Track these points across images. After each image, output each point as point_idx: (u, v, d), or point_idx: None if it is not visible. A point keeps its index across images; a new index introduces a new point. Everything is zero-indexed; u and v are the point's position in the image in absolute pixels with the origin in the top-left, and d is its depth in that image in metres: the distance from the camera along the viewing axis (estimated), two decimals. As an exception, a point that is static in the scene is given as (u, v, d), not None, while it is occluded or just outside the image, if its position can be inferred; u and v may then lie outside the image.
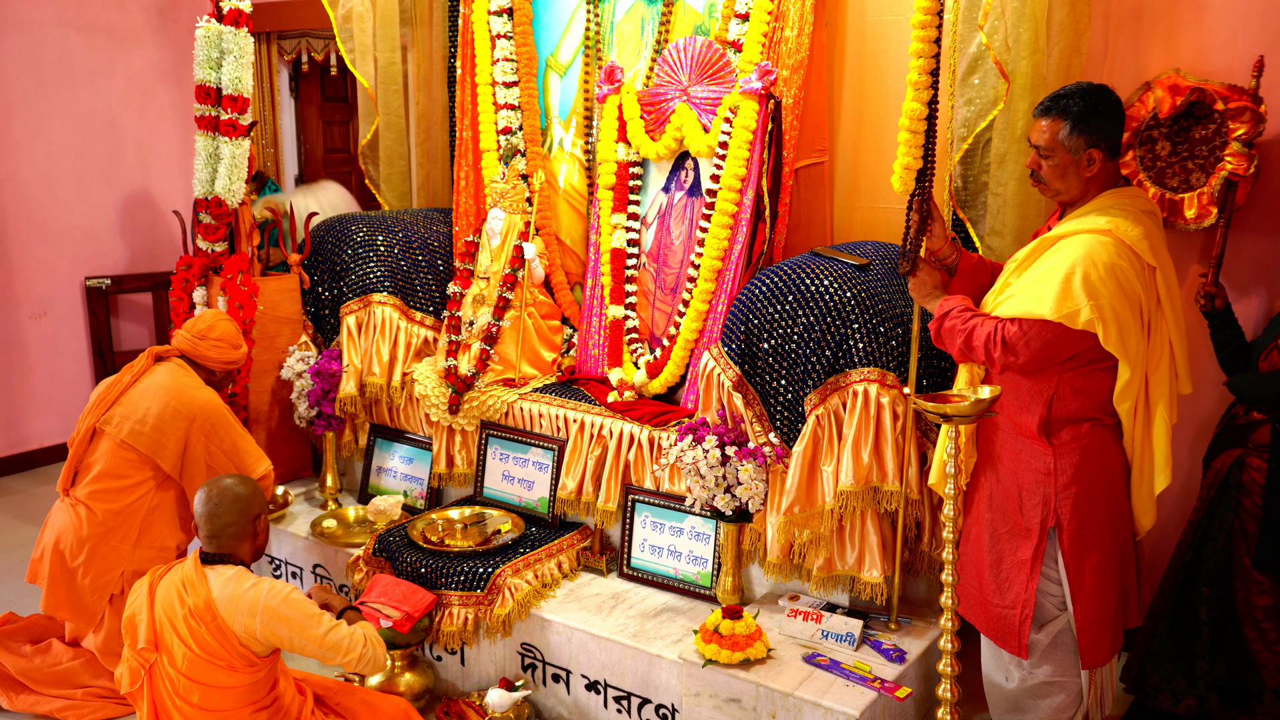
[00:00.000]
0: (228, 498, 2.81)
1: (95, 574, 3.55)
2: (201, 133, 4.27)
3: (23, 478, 5.82)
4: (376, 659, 2.81)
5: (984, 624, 2.88)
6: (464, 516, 3.91)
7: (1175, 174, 3.30)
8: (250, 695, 2.77)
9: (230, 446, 3.70)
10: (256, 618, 2.67)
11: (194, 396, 3.65)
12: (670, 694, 3.16)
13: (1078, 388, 2.66)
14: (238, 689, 2.74)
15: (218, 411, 3.69)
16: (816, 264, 3.34)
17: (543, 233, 4.32)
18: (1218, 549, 3.15)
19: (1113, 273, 2.54)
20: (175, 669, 2.71)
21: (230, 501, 2.80)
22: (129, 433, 3.55)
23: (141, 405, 3.59)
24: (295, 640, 2.72)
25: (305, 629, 2.71)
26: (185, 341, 3.80)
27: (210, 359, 3.80)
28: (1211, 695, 3.18)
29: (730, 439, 3.27)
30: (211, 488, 2.84)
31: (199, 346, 3.79)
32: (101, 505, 3.55)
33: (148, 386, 3.64)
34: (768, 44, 3.74)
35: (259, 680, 2.77)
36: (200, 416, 3.63)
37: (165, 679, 2.74)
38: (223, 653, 2.69)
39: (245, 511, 2.83)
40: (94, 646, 3.61)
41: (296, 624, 2.70)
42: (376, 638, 2.84)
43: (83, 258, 6.05)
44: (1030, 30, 3.19)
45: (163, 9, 6.27)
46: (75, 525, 3.56)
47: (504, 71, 4.42)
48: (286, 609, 2.69)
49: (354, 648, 2.76)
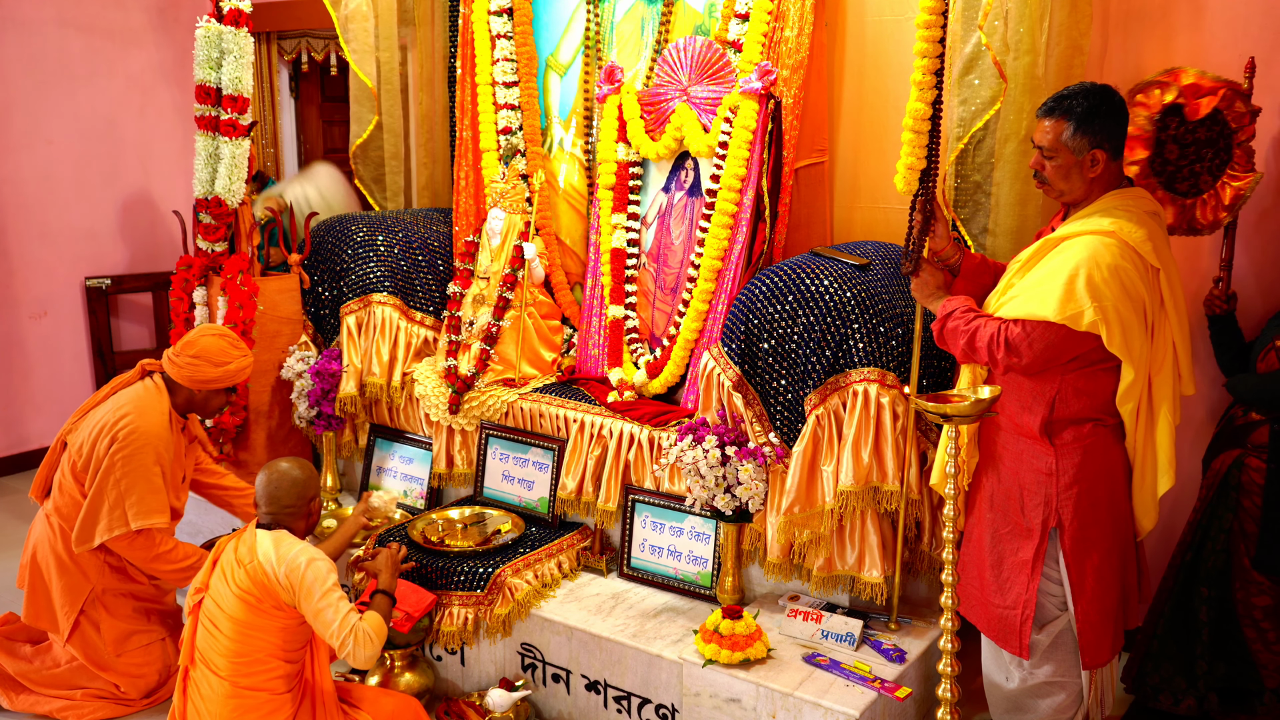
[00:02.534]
0: (286, 481, 3.02)
1: (62, 588, 3.54)
2: (201, 133, 4.26)
3: (23, 478, 5.82)
4: (357, 654, 2.81)
5: (985, 624, 2.88)
6: (464, 516, 3.91)
7: (1185, 177, 3.24)
8: (280, 646, 2.90)
9: (128, 486, 3.40)
10: (283, 566, 2.85)
11: (131, 423, 3.44)
12: (670, 694, 3.16)
13: (1080, 388, 2.66)
14: (267, 633, 2.87)
15: (139, 446, 3.42)
16: (816, 264, 3.34)
17: (543, 233, 4.32)
18: (1217, 549, 3.15)
19: (1116, 274, 2.54)
20: (216, 605, 2.90)
21: (289, 485, 3.02)
22: (77, 448, 3.49)
23: (94, 420, 3.50)
24: (297, 600, 2.85)
25: (309, 595, 2.83)
26: (164, 359, 3.61)
27: (180, 378, 3.56)
28: (1211, 695, 3.18)
29: (730, 439, 3.27)
30: (271, 471, 3.04)
31: (170, 364, 3.57)
32: (65, 522, 3.54)
33: (110, 402, 3.54)
34: (768, 44, 3.74)
35: (288, 628, 2.90)
36: (119, 443, 3.41)
37: (208, 616, 2.92)
38: (254, 589, 2.84)
39: (302, 495, 3.04)
40: (78, 656, 3.58)
41: (305, 586, 2.83)
42: (369, 635, 2.84)
43: (83, 258, 6.05)
44: (1029, 30, 3.19)
45: (163, 9, 6.26)
46: (50, 539, 3.55)
47: (504, 71, 4.42)
48: (306, 570, 2.84)
49: (338, 634, 2.81)
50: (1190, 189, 3.21)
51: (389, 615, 3.07)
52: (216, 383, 3.63)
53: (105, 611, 3.58)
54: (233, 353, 3.66)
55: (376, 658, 2.88)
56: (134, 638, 3.61)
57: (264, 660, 2.88)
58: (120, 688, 3.58)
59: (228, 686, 2.86)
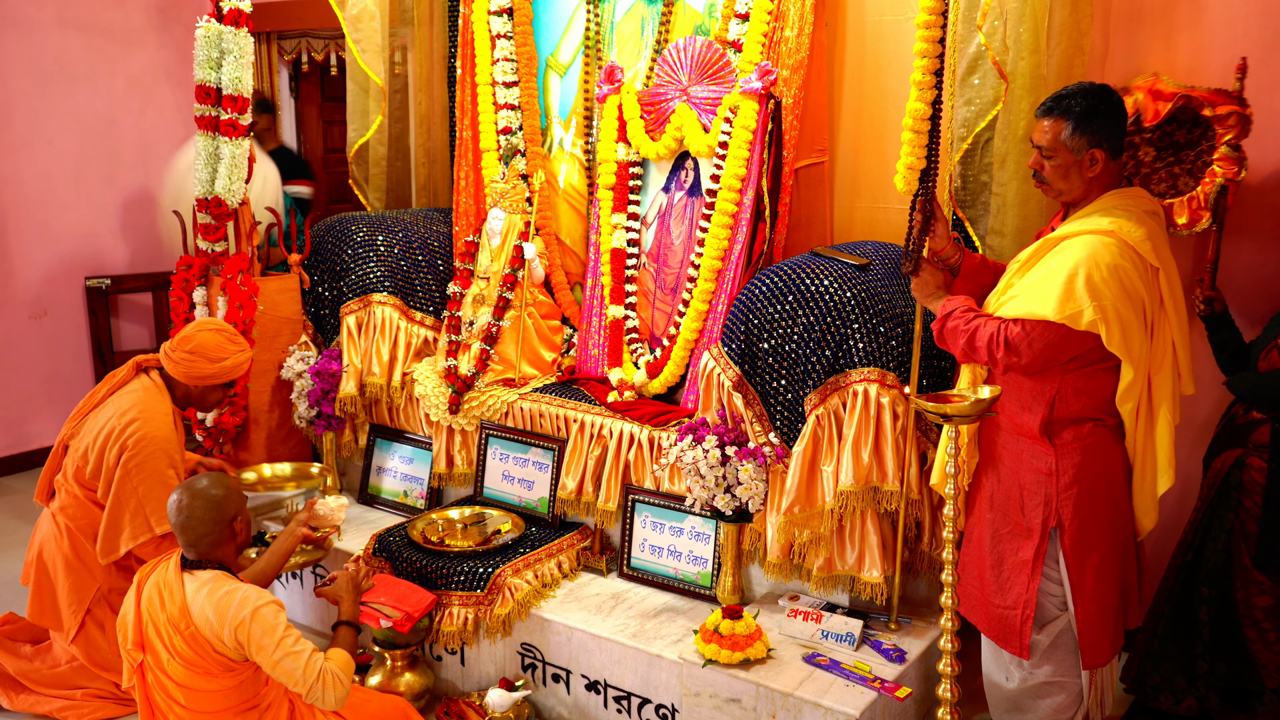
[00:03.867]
0: (199, 505, 2.73)
1: (69, 587, 3.54)
2: (201, 133, 4.27)
3: (23, 478, 5.83)
4: (326, 698, 2.67)
5: (985, 624, 2.88)
6: (464, 516, 3.91)
7: (1162, 179, 3.25)
8: (236, 697, 2.76)
9: (146, 492, 3.39)
10: (226, 626, 2.64)
11: (139, 428, 3.41)
12: (670, 694, 3.16)
13: (1080, 388, 2.66)
14: (222, 692, 2.73)
15: (151, 451, 3.40)
16: (816, 264, 3.34)
17: (543, 233, 4.32)
18: (1218, 549, 3.15)
19: (1116, 274, 2.54)
20: (162, 670, 2.71)
21: (203, 509, 2.73)
22: (81, 452, 3.48)
23: (97, 425, 3.48)
24: (253, 655, 2.68)
25: (263, 650, 2.65)
26: (161, 353, 3.59)
27: (179, 374, 3.55)
28: (1212, 695, 3.18)
29: (730, 439, 3.27)
30: (183, 495, 2.75)
31: (168, 360, 3.55)
32: (71, 522, 3.54)
33: (111, 405, 3.51)
34: (768, 44, 3.74)
35: (243, 682, 2.76)
36: (130, 450, 3.38)
37: (155, 678, 2.75)
38: (199, 660, 2.67)
39: (220, 518, 2.76)
40: (80, 655, 3.59)
41: (255, 642, 2.64)
42: (336, 677, 2.69)
43: (83, 258, 6.05)
44: (1030, 30, 3.19)
45: (163, 9, 6.27)
46: (55, 537, 3.55)
47: (504, 71, 4.42)
48: (252, 625, 2.64)
49: (304, 681, 2.65)
50: (1168, 190, 3.21)
51: (354, 646, 2.91)
52: (214, 379, 3.61)
53: (110, 610, 3.57)
54: (230, 348, 3.63)
55: (345, 698, 2.73)
56: None
57: (222, 713, 2.74)
58: (120, 687, 3.58)
59: None
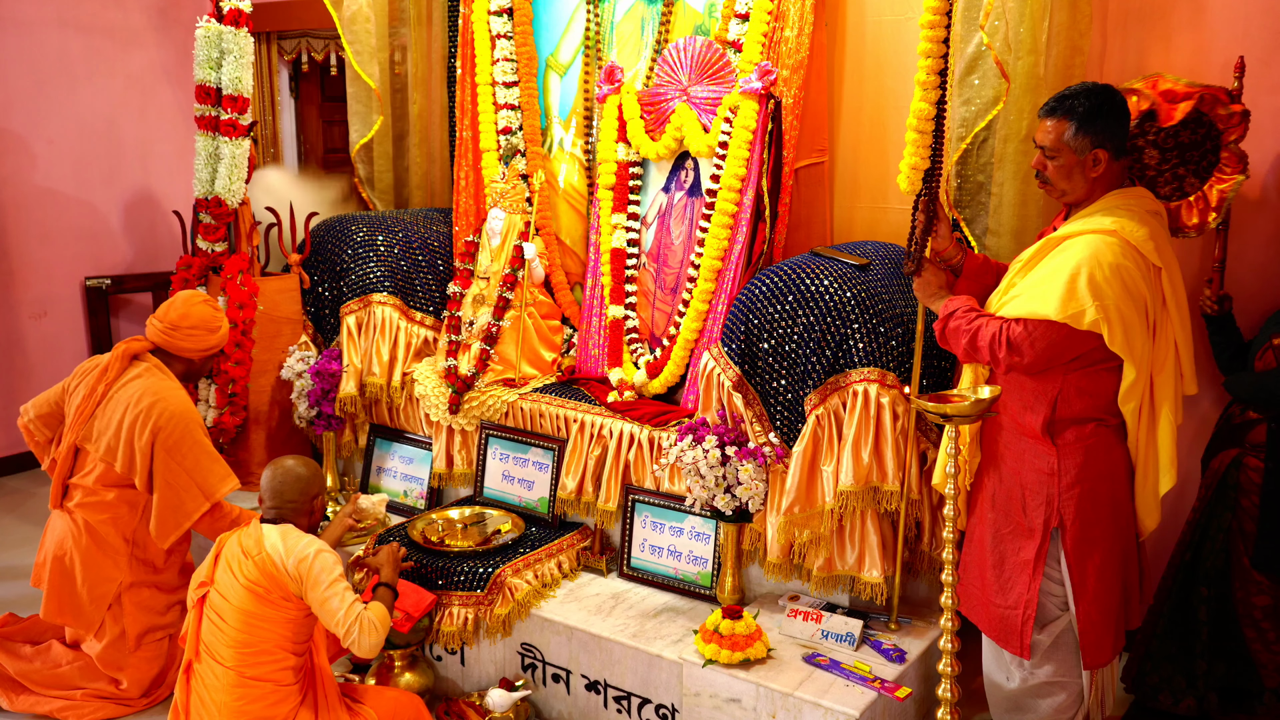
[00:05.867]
0: (291, 477, 3.08)
1: (92, 583, 3.54)
2: (201, 133, 4.27)
3: (23, 478, 5.82)
4: (362, 642, 2.87)
5: (986, 624, 2.88)
6: (464, 516, 3.91)
7: (1168, 181, 3.24)
8: (289, 631, 2.93)
9: (193, 464, 3.50)
10: (291, 556, 2.89)
11: (164, 408, 3.48)
12: (670, 694, 3.16)
13: (1082, 388, 2.66)
14: (276, 622, 2.90)
15: (184, 426, 3.50)
16: (816, 264, 3.34)
17: (543, 233, 4.32)
18: (1216, 549, 3.15)
19: (1118, 273, 2.54)
20: (224, 598, 2.91)
21: (294, 481, 3.08)
22: (105, 450, 3.50)
23: (115, 419, 3.49)
24: (304, 590, 2.88)
25: (316, 584, 2.87)
26: (157, 334, 3.63)
27: (186, 349, 3.66)
28: (1211, 695, 3.18)
29: (730, 439, 3.27)
30: (277, 467, 3.09)
31: (173, 338, 3.63)
32: (93, 518, 3.54)
33: (121, 397, 3.53)
34: (768, 44, 3.74)
35: (294, 619, 2.91)
36: (165, 430, 3.47)
37: (214, 607, 2.94)
38: (262, 582, 2.87)
39: (305, 492, 3.10)
40: (94, 654, 3.59)
41: (312, 576, 2.87)
42: (373, 624, 2.89)
43: (83, 258, 6.05)
44: (1030, 30, 3.19)
45: (163, 9, 6.26)
46: (74, 534, 3.55)
47: (504, 71, 4.42)
48: (314, 561, 2.89)
49: (343, 622, 2.85)
50: (1174, 192, 3.20)
51: (392, 606, 3.12)
52: (216, 347, 3.76)
53: (131, 604, 3.59)
54: (219, 315, 3.79)
55: (380, 646, 2.92)
56: (151, 633, 3.63)
57: (270, 651, 2.90)
58: (122, 684, 3.58)
59: (233, 676, 2.87)
